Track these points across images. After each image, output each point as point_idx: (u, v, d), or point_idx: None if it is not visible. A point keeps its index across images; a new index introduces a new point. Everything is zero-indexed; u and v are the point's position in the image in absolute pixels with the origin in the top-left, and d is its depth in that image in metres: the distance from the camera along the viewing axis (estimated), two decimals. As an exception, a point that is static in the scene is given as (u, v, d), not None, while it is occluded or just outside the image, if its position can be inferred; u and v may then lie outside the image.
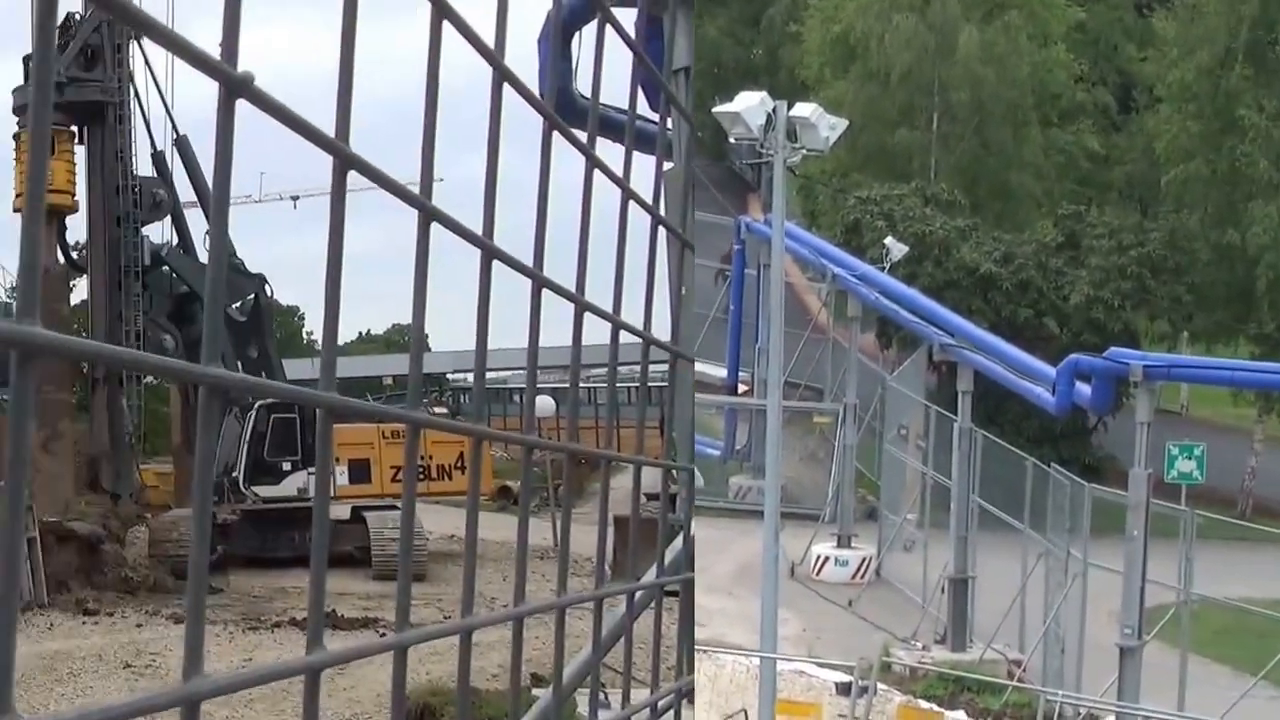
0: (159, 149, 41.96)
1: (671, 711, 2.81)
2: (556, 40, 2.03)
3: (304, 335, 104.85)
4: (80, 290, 47.50)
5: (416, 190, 1.46)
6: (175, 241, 42.32)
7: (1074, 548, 19.78)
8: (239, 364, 39.93)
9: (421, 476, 35.61)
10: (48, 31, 0.82)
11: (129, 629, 27.78)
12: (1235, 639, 22.13)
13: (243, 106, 1.07)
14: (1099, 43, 45.25)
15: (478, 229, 1.61)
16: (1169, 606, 19.99)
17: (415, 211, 1.46)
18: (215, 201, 1.10)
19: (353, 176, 1.29)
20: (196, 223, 41.78)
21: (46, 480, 35.32)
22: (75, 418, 40.58)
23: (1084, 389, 20.66)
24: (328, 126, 1.24)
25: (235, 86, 1.05)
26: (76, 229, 42.51)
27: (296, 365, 48.42)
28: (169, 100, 41.91)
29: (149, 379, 42.04)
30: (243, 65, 1.07)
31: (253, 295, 41.96)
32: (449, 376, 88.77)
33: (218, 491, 35.59)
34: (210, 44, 1.11)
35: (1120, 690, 17.86)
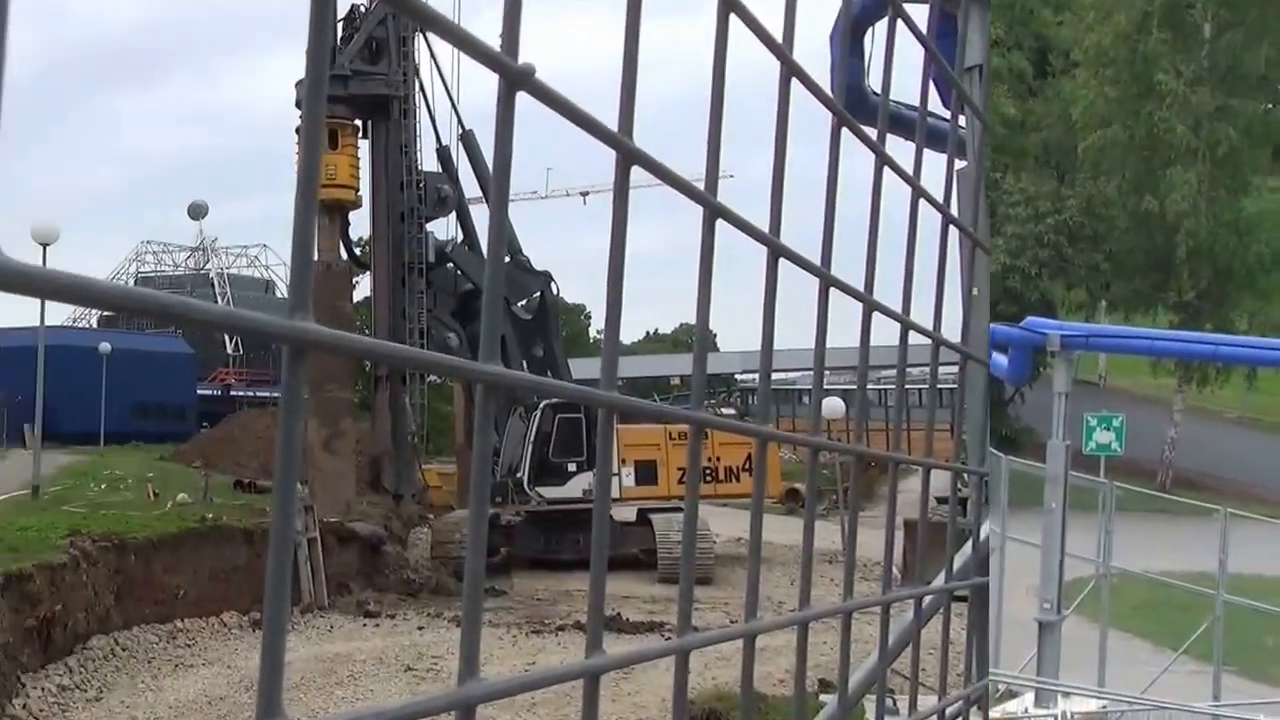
0: (444, 144, 43.00)
1: (960, 719, 2.80)
2: (846, 36, 2.03)
3: (590, 334, 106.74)
4: (364, 287, 49.28)
5: (702, 187, 1.48)
6: (460, 238, 43.26)
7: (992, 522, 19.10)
8: (524, 363, 40.75)
9: (709, 478, 35.91)
10: (324, 25, 0.85)
11: (410, 631, 28.60)
12: (1155, 612, 22.10)
13: (528, 102, 1.10)
14: (1015, 7, 43.60)
15: (765, 227, 1.62)
16: (1088, 580, 19.66)
17: (701, 209, 1.48)
18: (495, 197, 1.13)
19: (639, 173, 1.31)
20: (481, 219, 42.62)
21: (328, 480, 36.66)
22: (357, 417, 41.85)
23: (1001, 360, 20.09)
24: (612, 121, 1.27)
25: (516, 79, 1.08)
26: (360, 225, 43.99)
27: (582, 364, 49.32)
28: (454, 94, 43.01)
29: (432, 377, 43.14)
30: (524, 59, 1.11)
31: (538, 293, 42.78)
32: (737, 377, 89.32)
33: (502, 492, 36.46)
34: (492, 37, 1.15)
35: (1039, 665, 17.41)
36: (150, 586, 27.07)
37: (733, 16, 1.44)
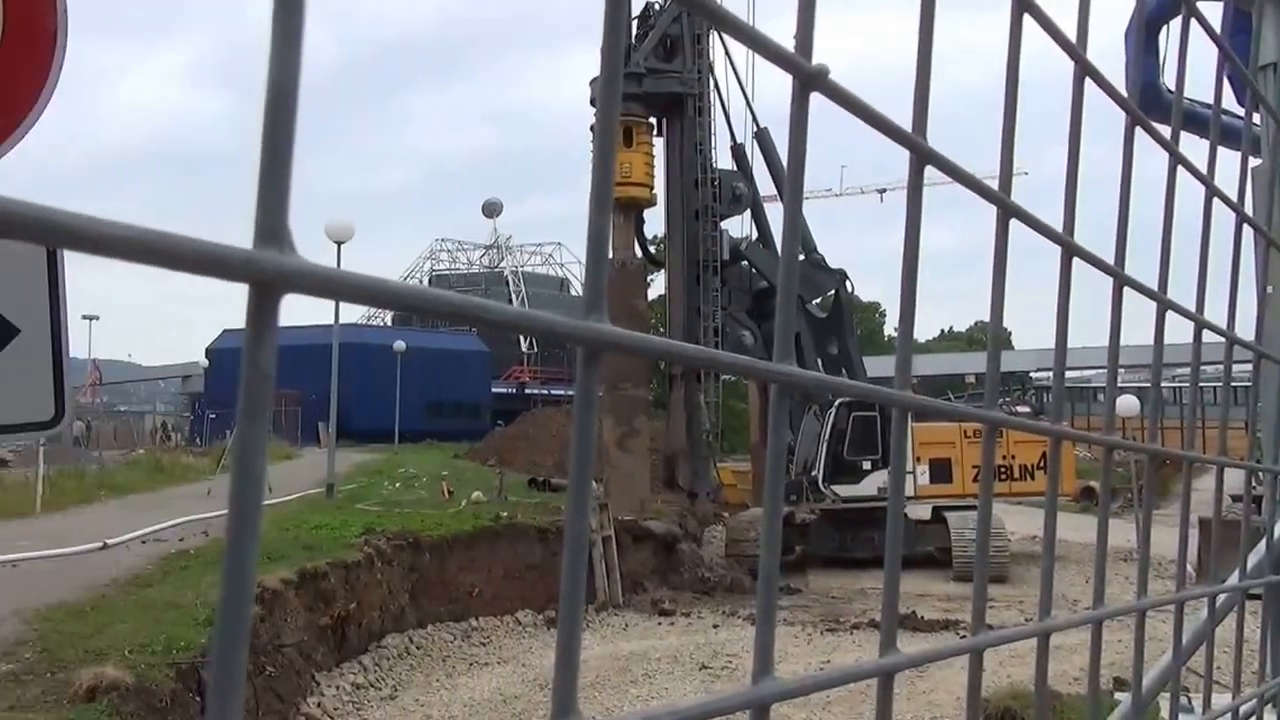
0: (738, 141, 43.23)
1: (1254, 717, 2.81)
2: (1140, 34, 2.03)
3: (885, 332, 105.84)
4: (658, 285, 49.84)
5: (995, 185, 1.48)
6: (754, 236, 43.44)
7: None
8: (818, 361, 40.69)
9: (1004, 477, 35.44)
10: (619, 24, 0.88)
11: (705, 630, 28.80)
12: None
13: (823, 100, 1.12)
14: None
15: (1058, 225, 1.62)
16: None
17: (994, 208, 1.48)
18: (789, 196, 1.15)
19: (933, 171, 1.32)
20: (776, 217, 42.72)
21: (623, 478, 37.18)
22: (652, 415, 42.33)
23: None
24: (905, 120, 1.28)
25: (809, 80, 1.10)
26: (655, 222, 44.47)
27: (877, 362, 49.01)
28: (749, 92, 43.21)
29: (727, 375, 43.34)
30: (819, 58, 1.12)
31: (833, 291, 42.67)
32: (1031, 375, 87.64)
33: (796, 490, 36.53)
34: (786, 36, 1.17)
35: None
36: (444, 585, 27.68)
37: (1026, 16, 1.44)
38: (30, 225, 0.56)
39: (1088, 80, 1.63)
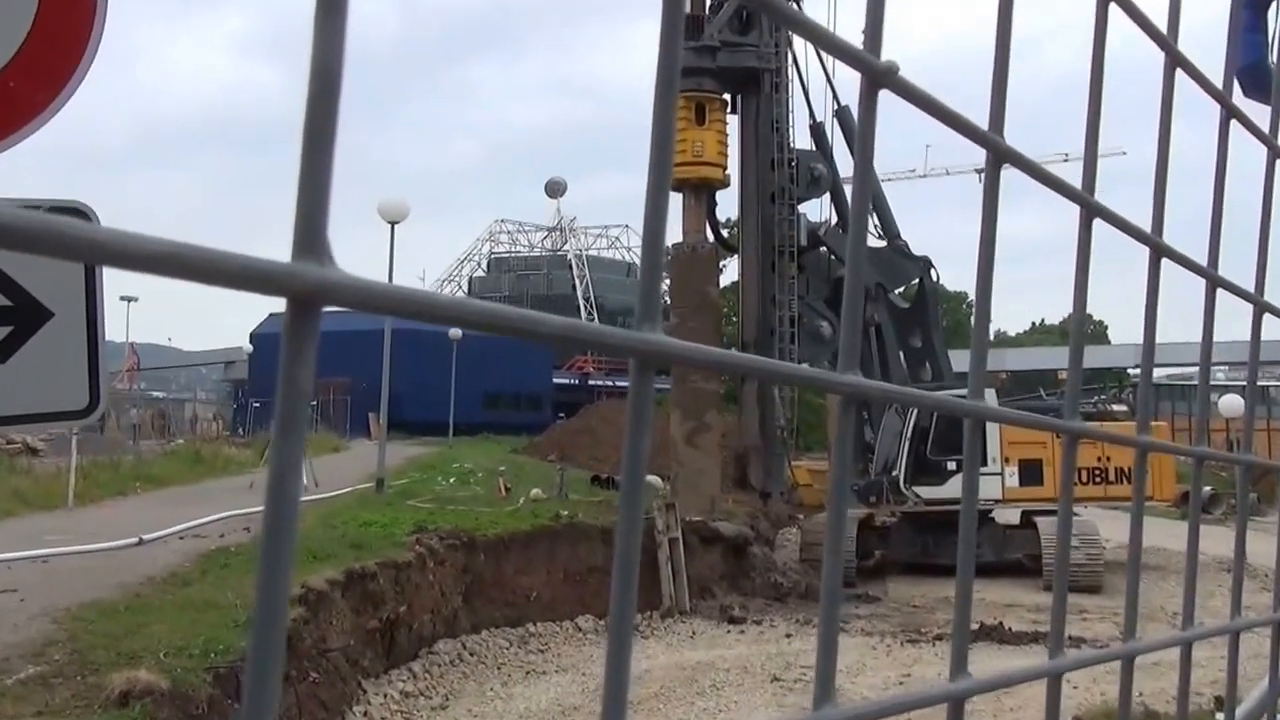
0: (818, 120, 43.04)
1: None
2: (1237, 18, 1.99)
3: (972, 323, 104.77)
4: (731, 270, 49.74)
5: (1079, 182, 1.49)
6: (834, 220, 43.25)
7: None
8: (900, 355, 40.60)
9: (1098, 480, 35.23)
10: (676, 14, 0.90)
11: (777, 639, 28.75)
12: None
13: (905, 73, 1.13)
14: None
15: (1147, 220, 1.62)
16: None
17: (1077, 207, 1.49)
18: (855, 199, 1.17)
19: (1020, 147, 1.33)
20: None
21: (691, 476, 37.16)
22: (723, 409, 42.26)
23: None
24: (981, 114, 1.29)
25: (878, 77, 1.11)
26: (728, 205, 44.34)
27: (964, 356, 48.65)
28: (829, 68, 42.98)
29: (804, 366, 43.02)
30: (890, 50, 1.14)
31: (917, 280, 42.47)
32: (1129, 371, 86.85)
33: (876, 492, 36.44)
34: (857, 31, 1.19)
35: None
36: (500, 588, 27.76)
37: (1113, 5, 1.44)
38: (72, 244, 0.59)
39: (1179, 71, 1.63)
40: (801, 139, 42.78)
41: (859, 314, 1.17)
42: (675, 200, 40.45)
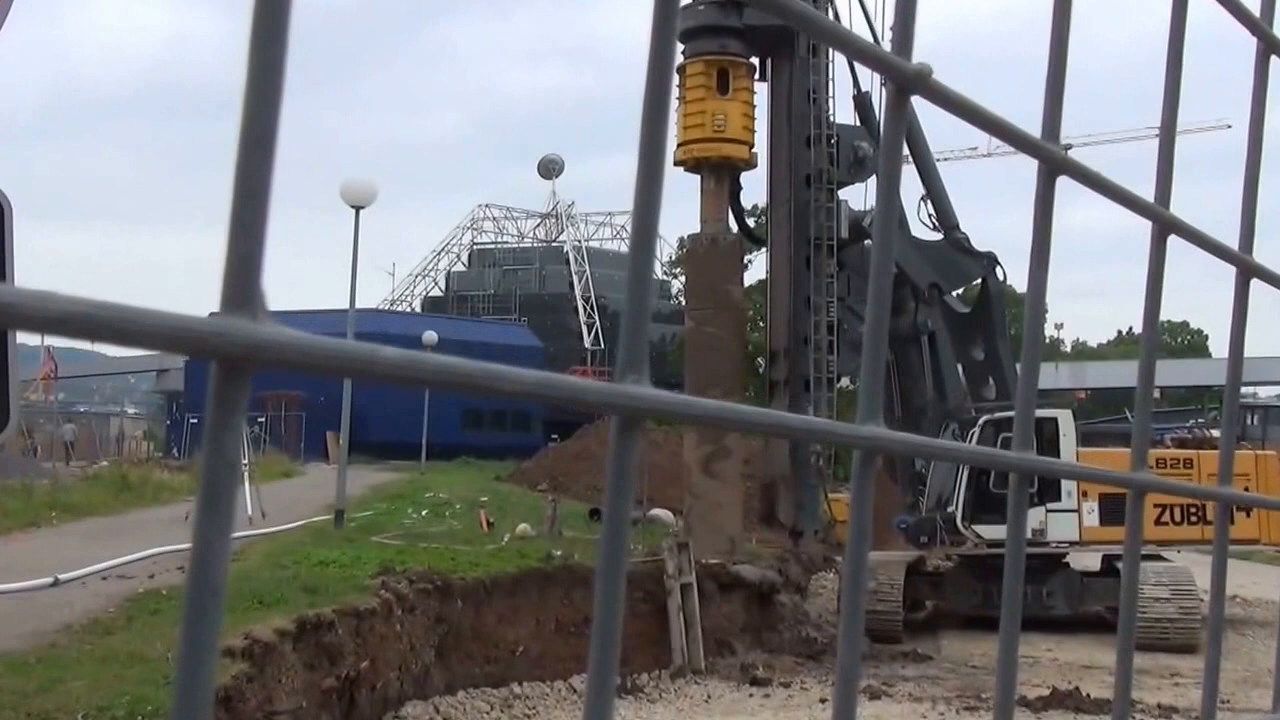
0: (863, 90, 42.88)
1: None
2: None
3: (1047, 331, 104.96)
4: (758, 267, 49.64)
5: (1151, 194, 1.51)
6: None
7: None
8: (958, 368, 40.51)
9: (1194, 519, 35.32)
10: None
11: (809, 704, 28.65)
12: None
13: (964, 42, 1.16)
14: None
15: (1233, 233, 1.64)
16: None
17: (1150, 223, 1.52)
18: (878, 224, 1.20)
19: (1091, 126, 1.36)
20: (910, 184, 42.28)
21: (708, 511, 37.06)
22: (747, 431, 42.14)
23: None
24: (1029, 116, 1.32)
25: (907, 84, 1.14)
26: (754, 189, 44.22)
27: (1042, 370, 48.48)
28: (877, 28, 42.79)
29: (845, 381, 42.88)
30: (921, 50, 1.17)
31: (979, 280, 42.34)
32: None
33: (928, 531, 36.42)
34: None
35: None
36: (480, 641, 27.72)
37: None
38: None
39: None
40: (843, 112, 42.60)
41: (882, 353, 1.19)
42: (692, 184, 40.53)
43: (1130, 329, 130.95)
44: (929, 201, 41.45)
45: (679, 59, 39.48)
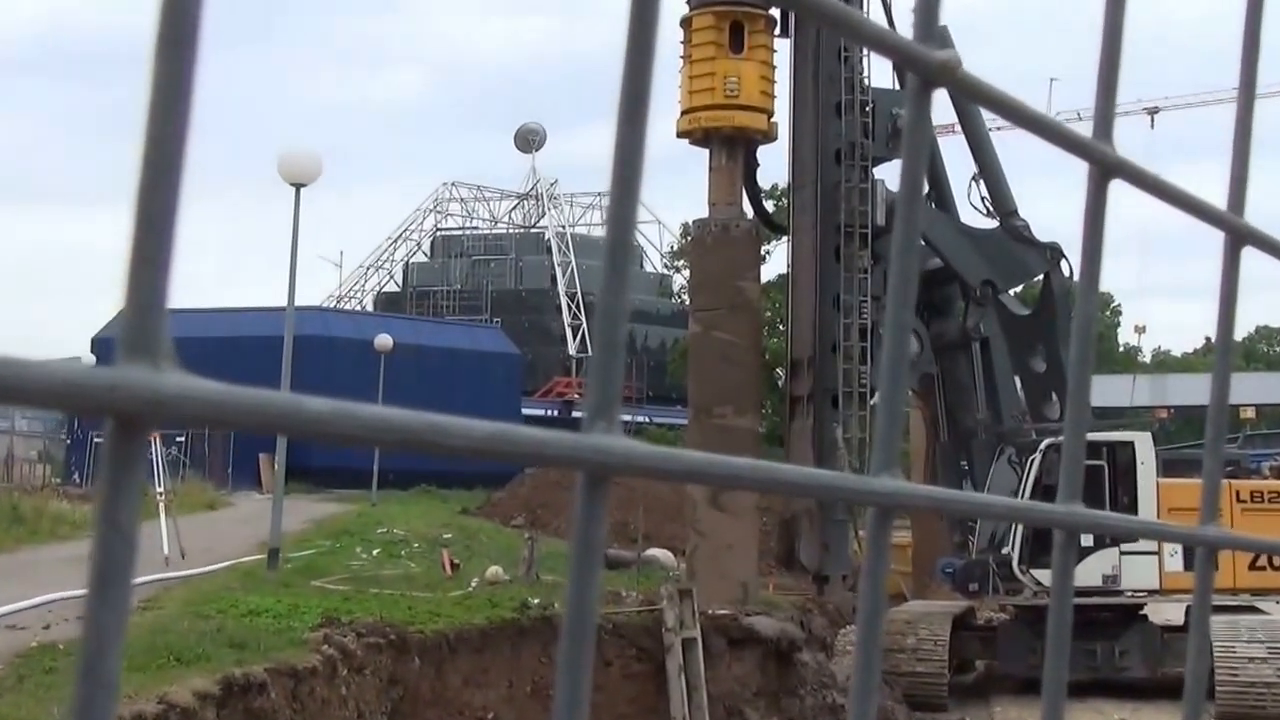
0: (905, 46, 42.84)
1: None
2: None
3: (1119, 336, 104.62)
4: (778, 258, 49.51)
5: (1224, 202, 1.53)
6: (925, 189, 42.86)
7: None
8: (1016, 381, 40.38)
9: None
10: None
11: (835, 781, 28.73)
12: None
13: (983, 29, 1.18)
14: None
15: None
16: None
17: (1222, 234, 1.54)
18: (899, 231, 1.21)
19: (1171, 89, 1.38)
20: (960, 159, 42.12)
21: (715, 552, 36.94)
22: (764, 455, 41.98)
23: None
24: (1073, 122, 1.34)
25: (933, 75, 1.16)
26: (773, 165, 44.14)
27: (1111, 384, 48.54)
28: (894, 12, 42.61)
29: (874, 400, 42.59)
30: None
31: (1041, 276, 42.16)
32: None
33: (979, 578, 36.26)
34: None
35: None
36: (442, 705, 27.65)
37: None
38: None
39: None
40: (880, 76, 42.47)
41: (901, 392, 1.21)
42: (699, 160, 40.44)
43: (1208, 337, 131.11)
44: (981, 182, 41.21)
45: (684, 9, 39.70)
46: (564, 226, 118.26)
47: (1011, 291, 41.98)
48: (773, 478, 1.10)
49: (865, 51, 41.92)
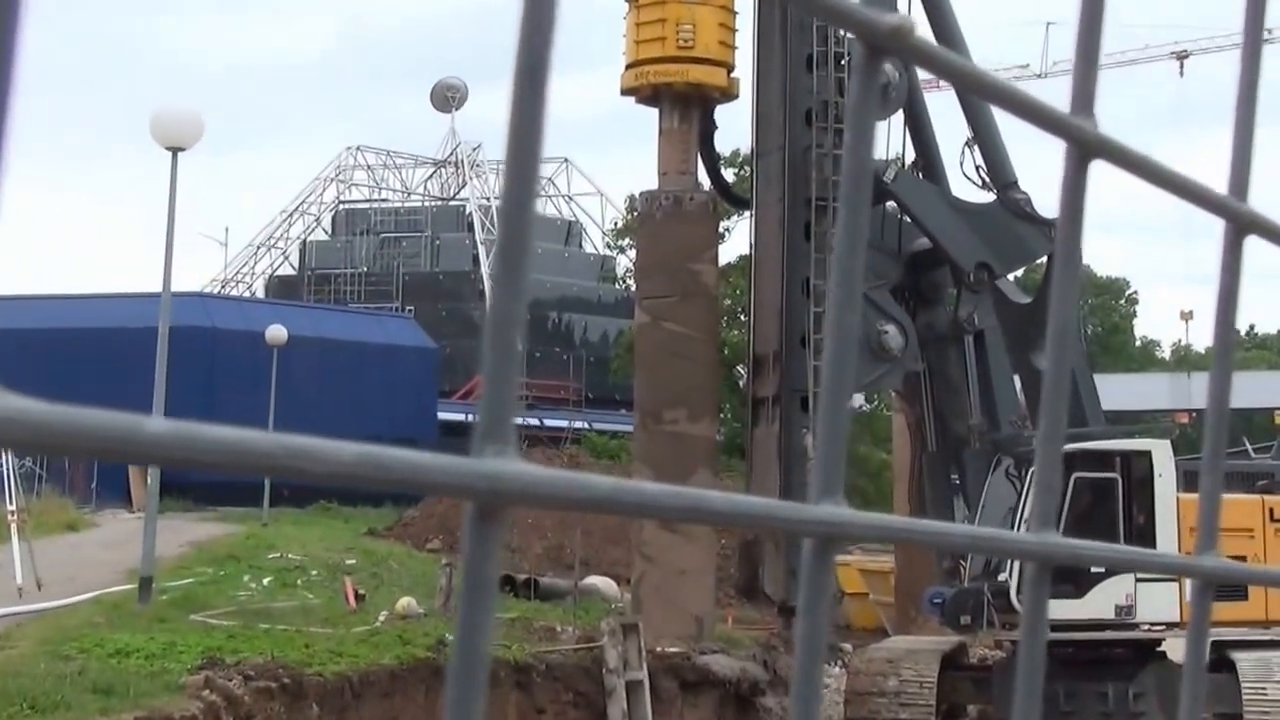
0: (887, -4, 42.73)
1: None
2: None
3: (1135, 329, 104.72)
4: (739, 236, 49.47)
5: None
6: (911, 156, 42.45)
7: None
8: (1015, 380, 40.34)
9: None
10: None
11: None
12: None
13: None
14: None
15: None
16: None
17: (1224, 221, 1.57)
18: (845, 211, 1.24)
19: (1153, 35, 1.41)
20: (950, 122, 41.90)
21: (668, 580, 36.92)
22: (723, 468, 41.89)
23: None
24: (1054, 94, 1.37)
25: (880, 41, 1.19)
26: (733, 128, 44.13)
27: (1122, 384, 48.53)
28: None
29: (858, 399, 42.42)
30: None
31: (1045, 258, 42.02)
32: None
33: (972, 607, 36.23)
34: None
35: None
36: (348, 759, 27.74)
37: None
38: None
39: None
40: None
41: (843, 412, 1.23)
42: (647, 121, 40.39)
43: (1252, 328, 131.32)
44: (976, 148, 40.85)
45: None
46: (488, 198, 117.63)
47: (1010, 276, 41.77)
48: (697, 506, 1.11)
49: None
